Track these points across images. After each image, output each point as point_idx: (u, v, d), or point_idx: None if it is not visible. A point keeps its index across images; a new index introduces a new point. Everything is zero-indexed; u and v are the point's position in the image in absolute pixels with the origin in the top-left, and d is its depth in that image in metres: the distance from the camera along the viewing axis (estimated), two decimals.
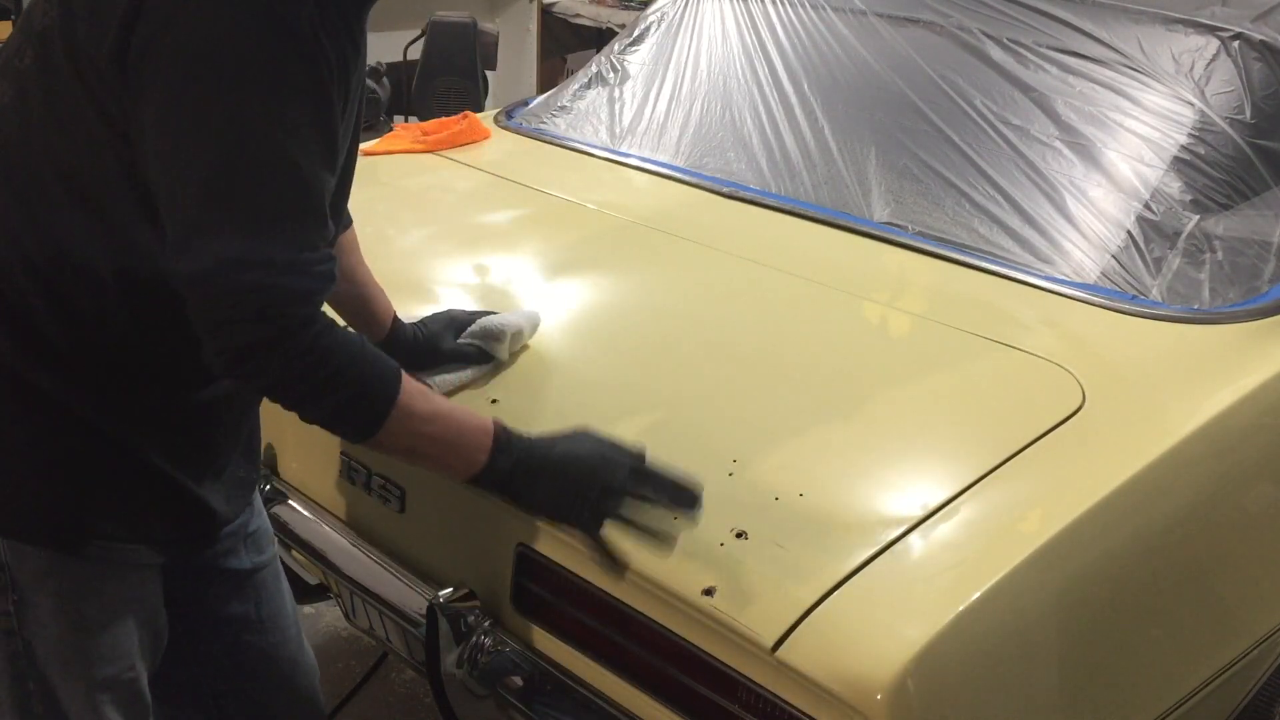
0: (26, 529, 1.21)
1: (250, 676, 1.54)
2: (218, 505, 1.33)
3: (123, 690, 1.31)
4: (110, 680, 1.29)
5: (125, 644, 1.30)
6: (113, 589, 1.27)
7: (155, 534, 1.28)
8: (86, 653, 1.27)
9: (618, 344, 1.67)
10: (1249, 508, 1.54)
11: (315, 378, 1.11)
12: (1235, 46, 1.86)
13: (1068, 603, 1.27)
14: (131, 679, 1.31)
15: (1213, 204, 1.77)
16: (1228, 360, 1.57)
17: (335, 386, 1.13)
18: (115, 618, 1.28)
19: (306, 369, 1.10)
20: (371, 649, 2.41)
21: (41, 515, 1.21)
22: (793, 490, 1.29)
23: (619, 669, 1.35)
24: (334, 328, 1.14)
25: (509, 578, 1.44)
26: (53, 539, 1.22)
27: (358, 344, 1.17)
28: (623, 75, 2.42)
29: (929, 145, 1.95)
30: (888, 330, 1.69)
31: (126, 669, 1.30)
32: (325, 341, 1.11)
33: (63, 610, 1.24)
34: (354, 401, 1.15)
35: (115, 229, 1.15)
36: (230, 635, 1.50)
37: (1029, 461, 1.34)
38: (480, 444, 1.22)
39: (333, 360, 1.12)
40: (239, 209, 1.06)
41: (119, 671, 1.30)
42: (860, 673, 1.11)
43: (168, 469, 1.26)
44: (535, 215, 2.04)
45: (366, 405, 1.15)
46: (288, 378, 1.11)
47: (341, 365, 1.12)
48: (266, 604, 1.54)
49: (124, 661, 1.30)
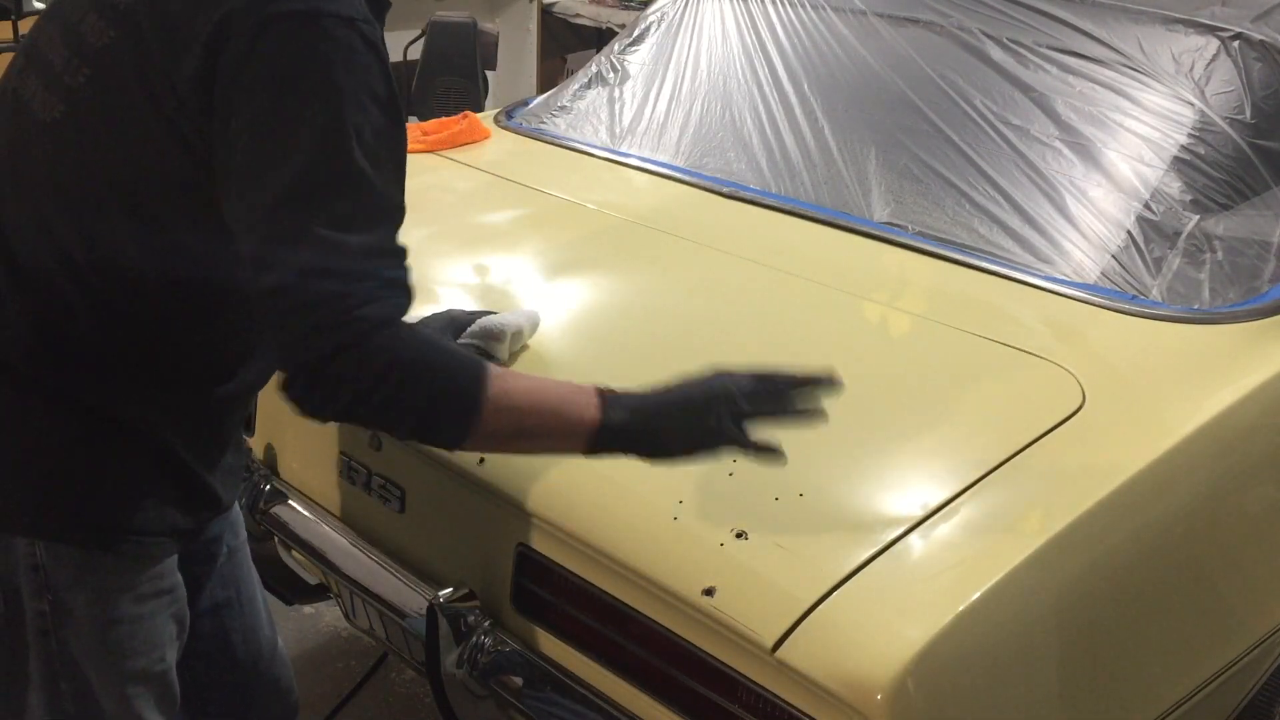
0: (62, 529, 1.22)
1: (232, 661, 1.55)
2: (222, 494, 1.35)
3: (154, 682, 1.33)
4: (142, 673, 1.31)
5: (156, 636, 1.31)
6: (145, 583, 1.28)
7: (178, 525, 1.30)
8: (120, 647, 1.28)
9: (618, 344, 1.67)
10: (1249, 508, 1.54)
11: (393, 379, 1.08)
12: (1235, 46, 1.86)
13: (1068, 602, 1.27)
14: (162, 670, 1.33)
15: (1213, 204, 1.77)
16: (1228, 360, 1.57)
17: (416, 386, 1.10)
18: (147, 611, 1.29)
19: (383, 369, 1.08)
20: (371, 649, 2.41)
21: (75, 515, 1.23)
22: (793, 490, 1.29)
23: (619, 669, 1.35)
24: (411, 329, 1.12)
25: (509, 578, 1.44)
26: (88, 537, 1.23)
27: (436, 342, 1.16)
28: (623, 75, 2.42)
29: (929, 145, 1.95)
30: (888, 330, 1.69)
31: (157, 661, 1.32)
32: (404, 338, 1.09)
33: (99, 607, 1.26)
34: (440, 399, 1.12)
35: (167, 237, 1.17)
36: (215, 621, 1.52)
37: (1029, 461, 1.34)
38: (587, 405, 1.17)
39: (408, 358, 1.09)
40: (319, 221, 1.07)
41: (150, 664, 1.31)
42: (860, 673, 1.11)
43: (188, 461, 1.28)
44: (535, 215, 2.04)
45: (455, 399, 1.12)
46: (366, 383, 1.08)
47: (419, 361, 1.10)
48: (244, 586, 1.56)
49: (155, 653, 1.32)
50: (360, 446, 1.60)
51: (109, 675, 1.28)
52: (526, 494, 1.38)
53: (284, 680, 1.63)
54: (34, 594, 1.24)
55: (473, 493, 1.46)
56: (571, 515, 1.34)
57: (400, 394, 1.09)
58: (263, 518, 1.74)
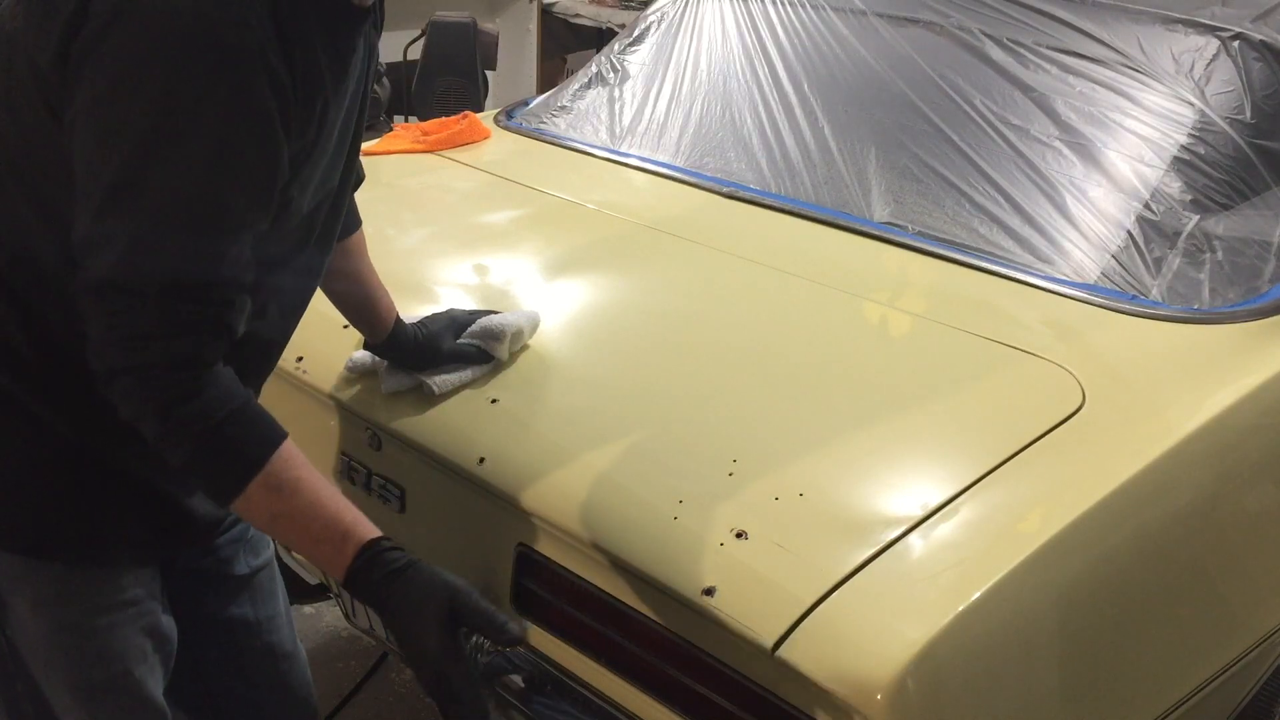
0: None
1: (247, 679, 1.54)
2: (197, 506, 1.31)
3: (118, 694, 1.30)
4: (103, 684, 1.29)
5: (116, 647, 1.29)
6: (96, 592, 1.27)
7: (133, 537, 1.27)
8: (71, 655, 1.27)
9: (618, 344, 1.67)
10: (1249, 508, 1.54)
11: (173, 417, 1.06)
12: (1235, 46, 1.87)
13: (1068, 602, 1.27)
14: (126, 683, 1.31)
15: (1213, 204, 1.77)
16: (1228, 360, 1.57)
17: (196, 432, 1.07)
18: (104, 623, 1.27)
19: (166, 405, 1.05)
20: (371, 649, 2.41)
21: (10, 522, 1.22)
22: (793, 490, 1.29)
23: (619, 669, 1.35)
24: (219, 376, 1.08)
25: (509, 578, 1.44)
26: (21, 545, 1.22)
27: (241, 399, 1.10)
28: (623, 75, 2.42)
29: (929, 145, 1.95)
30: (888, 330, 1.69)
31: (120, 673, 1.30)
32: (199, 385, 1.06)
33: (39, 614, 1.25)
34: (215, 455, 1.09)
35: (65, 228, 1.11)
36: (228, 639, 1.51)
37: (1029, 461, 1.34)
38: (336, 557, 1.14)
39: (197, 404, 1.06)
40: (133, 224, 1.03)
41: (112, 675, 1.29)
42: (860, 673, 1.11)
43: (143, 473, 1.25)
44: (535, 215, 2.04)
45: (229, 462, 1.09)
46: (146, 411, 1.07)
47: (205, 412, 1.07)
48: (264, 606, 1.54)
49: (117, 665, 1.30)
50: (360, 446, 1.60)
51: (62, 683, 1.27)
52: (526, 494, 1.38)
53: (302, 692, 1.60)
54: None
55: (473, 493, 1.46)
56: (571, 515, 1.34)
57: (178, 438, 1.07)
58: None
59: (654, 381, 1.55)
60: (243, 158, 1.06)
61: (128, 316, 1.04)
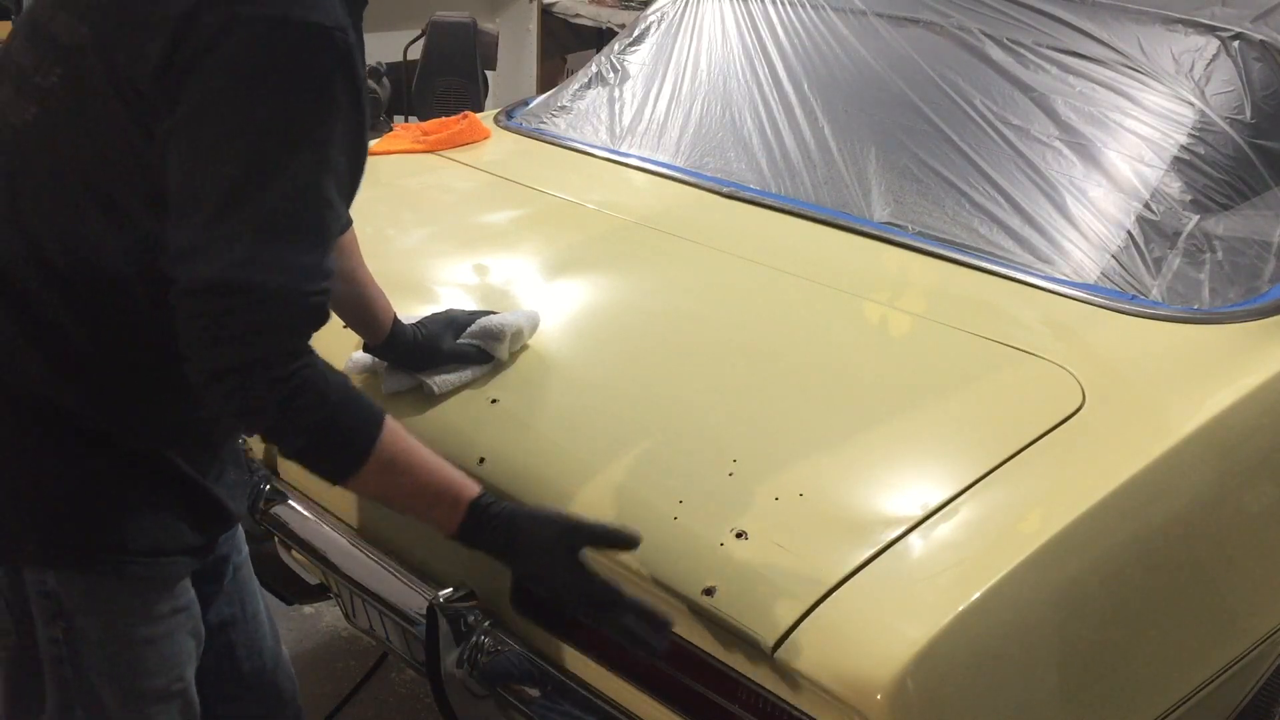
0: (67, 557, 1.21)
1: (236, 676, 1.55)
2: (231, 506, 1.34)
3: (175, 700, 1.32)
4: (161, 692, 1.30)
5: (174, 656, 1.31)
6: (160, 604, 1.27)
7: (190, 542, 1.28)
8: (137, 669, 1.27)
9: (618, 344, 1.67)
10: (1249, 508, 1.54)
11: (290, 409, 1.09)
12: (1235, 46, 1.87)
13: (1068, 603, 1.27)
14: (181, 689, 1.32)
15: (1213, 204, 1.77)
16: (1228, 360, 1.57)
17: (311, 422, 1.10)
18: (163, 631, 1.28)
19: (282, 399, 1.08)
20: (371, 649, 2.41)
21: (81, 542, 1.21)
22: (793, 490, 1.29)
23: (619, 669, 1.35)
24: (318, 363, 1.11)
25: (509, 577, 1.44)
26: (94, 564, 1.22)
27: (341, 384, 1.14)
28: (623, 75, 2.42)
29: (929, 145, 1.95)
30: (888, 330, 1.69)
31: (176, 679, 1.31)
32: (307, 375, 1.09)
33: (113, 631, 1.25)
34: (330, 440, 1.13)
35: (142, 234, 1.14)
36: (222, 637, 1.51)
37: (1029, 461, 1.34)
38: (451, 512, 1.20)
39: (310, 394, 1.09)
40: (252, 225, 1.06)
41: (169, 682, 1.31)
42: (860, 673, 1.11)
43: (191, 475, 1.26)
44: (535, 215, 2.04)
45: (343, 446, 1.13)
46: (261, 406, 1.09)
47: (318, 401, 1.10)
48: (249, 601, 1.55)
49: (174, 672, 1.31)
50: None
51: (127, 698, 1.27)
52: (527, 493, 1.38)
53: (287, 692, 1.62)
54: (46, 621, 1.23)
55: None
56: None
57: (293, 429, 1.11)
58: (263, 518, 1.74)
59: (654, 381, 1.55)
60: (345, 157, 1.11)
61: (238, 316, 1.06)
